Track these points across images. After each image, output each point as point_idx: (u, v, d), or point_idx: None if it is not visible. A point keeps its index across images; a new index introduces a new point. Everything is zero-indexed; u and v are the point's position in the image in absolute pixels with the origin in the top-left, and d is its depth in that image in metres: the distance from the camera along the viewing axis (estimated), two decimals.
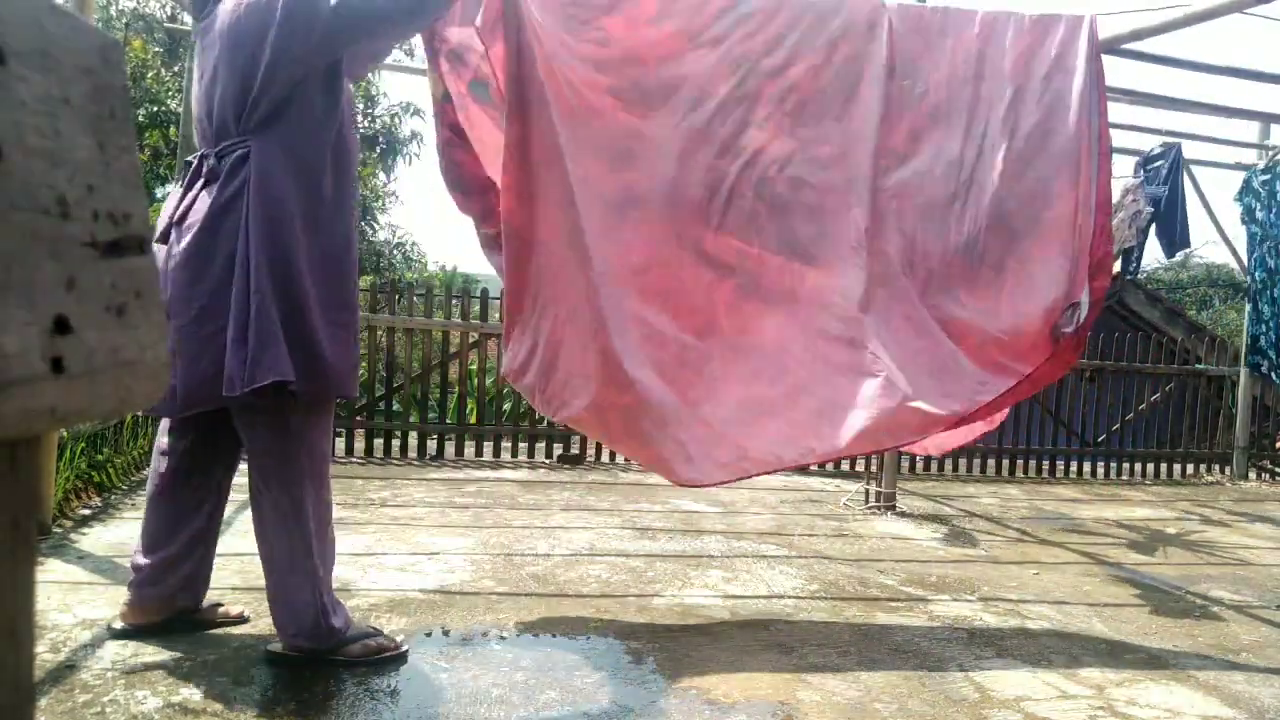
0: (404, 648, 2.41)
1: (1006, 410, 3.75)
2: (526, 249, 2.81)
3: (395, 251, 14.60)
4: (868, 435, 2.94)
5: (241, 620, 2.56)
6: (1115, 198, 5.13)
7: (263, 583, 2.97)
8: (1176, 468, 7.57)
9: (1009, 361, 3.30)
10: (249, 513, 3.95)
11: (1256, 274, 6.65)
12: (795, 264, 3.12)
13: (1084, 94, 3.32)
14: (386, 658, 2.34)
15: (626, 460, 6.29)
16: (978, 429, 3.73)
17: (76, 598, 2.68)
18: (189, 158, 2.30)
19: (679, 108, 3.03)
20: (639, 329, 2.85)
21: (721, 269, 3.06)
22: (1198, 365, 7.77)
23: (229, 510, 3.99)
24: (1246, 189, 6.63)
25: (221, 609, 2.55)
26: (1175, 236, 5.86)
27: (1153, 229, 5.85)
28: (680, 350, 2.93)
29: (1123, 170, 5.78)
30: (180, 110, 4.83)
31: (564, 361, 2.79)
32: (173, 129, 9.31)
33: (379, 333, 6.11)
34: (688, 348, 2.95)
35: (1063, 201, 3.33)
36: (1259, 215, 6.55)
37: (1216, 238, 6.82)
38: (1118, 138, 5.72)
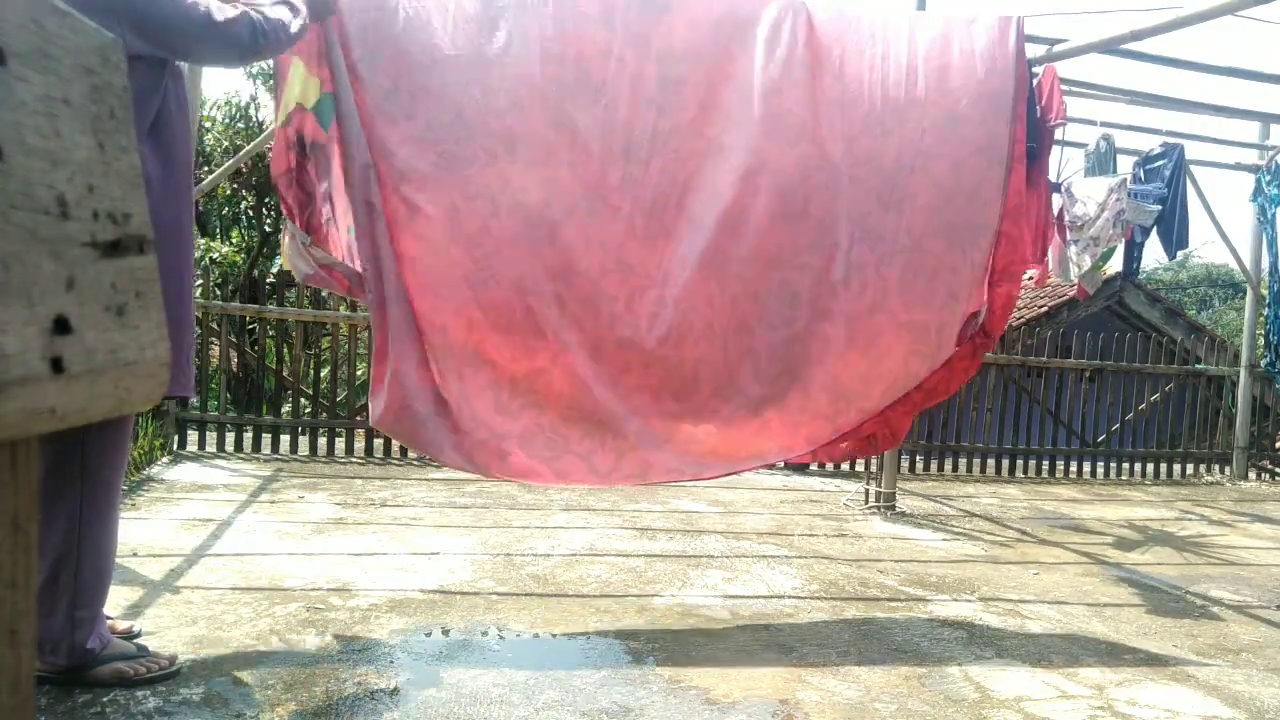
0: None
1: (898, 430, 3.71)
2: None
3: None
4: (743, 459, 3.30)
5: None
6: (1100, 197, 5.12)
7: (264, 583, 2.98)
8: (1176, 468, 7.57)
9: (913, 373, 3.30)
10: (247, 514, 3.97)
11: None
12: (713, 283, 3.10)
13: (1010, 100, 3.30)
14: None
15: None
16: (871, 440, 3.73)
17: None
18: None
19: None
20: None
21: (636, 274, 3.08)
22: (1197, 365, 7.77)
23: (228, 510, 4.01)
24: (1258, 191, 6.61)
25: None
26: (1175, 237, 5.85)
27: (1155, 230, 5.84)
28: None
29: (1122, 170, 5.77)
30: None
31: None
32: None
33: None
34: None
35: (990, 210, 3.31)
36: (1271, 214, 6.52)
37: (1216, 238, 6.81)
38: (1118, 138, 5.72)
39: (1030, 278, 5.92)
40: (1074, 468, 7.38)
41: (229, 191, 11.08)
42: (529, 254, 2.93)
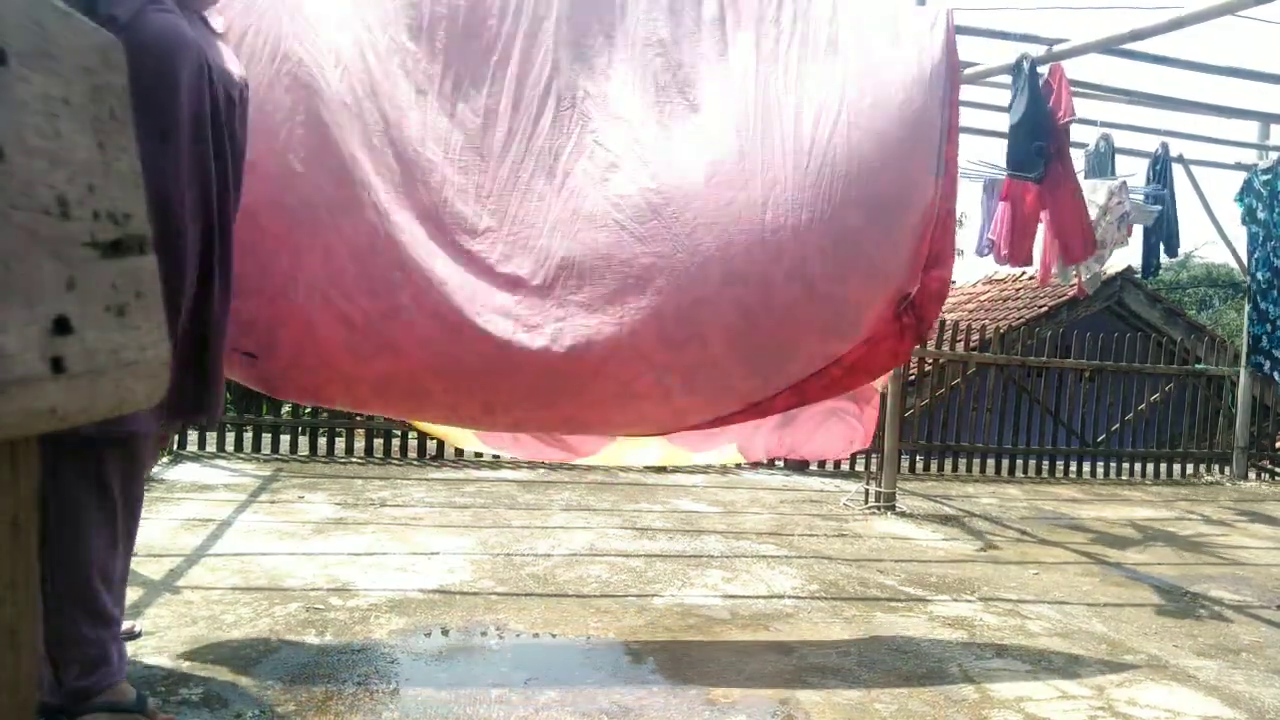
0: None
1: (866, 429, 3.64)
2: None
3: None
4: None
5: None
6: (1101, 200, 5.12)
7: (264, 583, 2.97)
8: (1176, 468, 7.57)
9: (832, 351, 3.14)
10: (247, 514, 3.97)
11: (1259, 274, 6.66)
12: (626, 235, 2.91)
13: (943, 83, 3.27)
14: None
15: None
16: (835, 438, 3.64)
17: None
18: None
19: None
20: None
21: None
22: (1197, 365, 7.77)
23: (228, 510, 4.01)
24: (1247, 189, 6.63)
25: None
26: (1167, 237, 5.91)
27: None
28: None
29: (1123, 171, 5.77)
30: None
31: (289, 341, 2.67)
32: None
33: None
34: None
35: (918, 190, 3.25)
36: (1260, 215, 6.54)
37: (1216, 238, 6.82)
38: (1118, 138, 5.72)
39: (1030, 277, 5.90)
40: (1074, 468, 7.38)
41: None
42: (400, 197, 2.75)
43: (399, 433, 6.00)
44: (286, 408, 6.55)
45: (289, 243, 2.65)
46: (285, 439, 5.96)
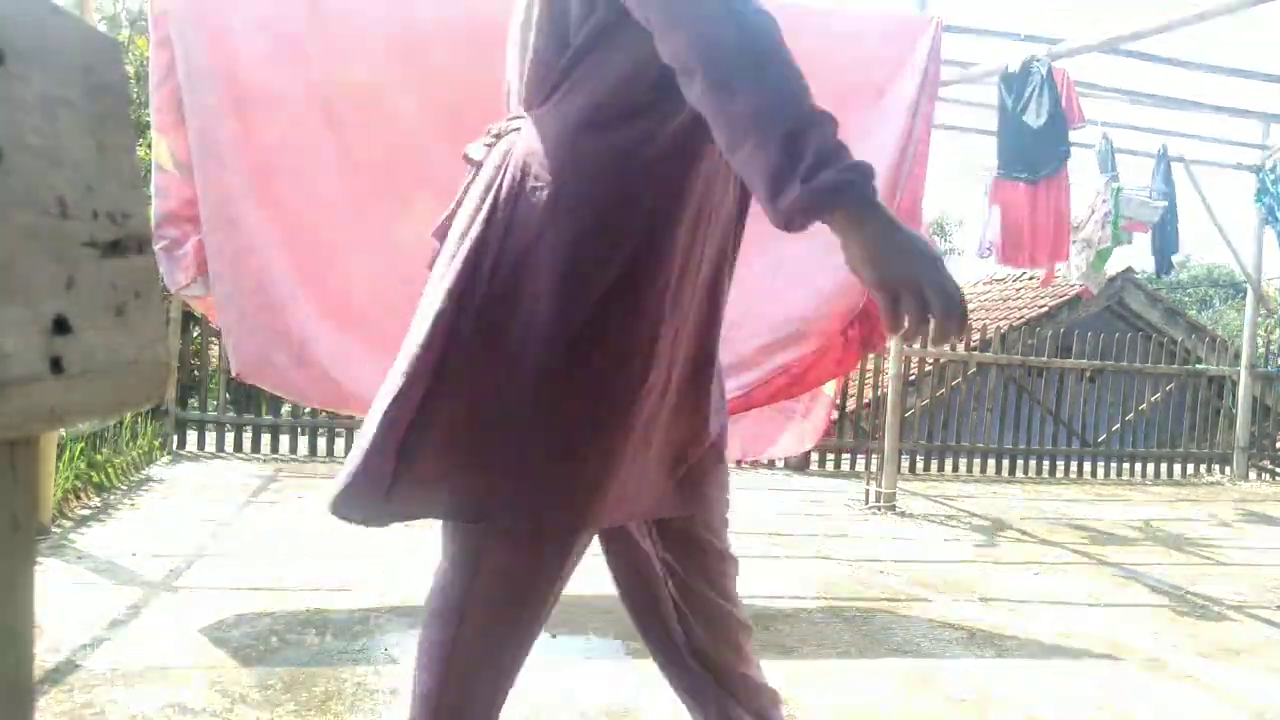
0: None
1: (815, 426, 3.66)
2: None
3: None
4: None
5: None
6: (1089, 199, 5.13)
7: (265, 583, 2.97)
8: (1177, 468, 7.57)
9: (779, 360, 3.23)
10: (247, 514, 3.97)
11: None
12: None
13: (915, 98, 3.24)
14: None
15: None
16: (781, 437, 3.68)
17: (76, 598, 2.68)
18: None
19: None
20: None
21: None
22: (1198, 365, 7.77)
23: (228, 510, 4.01)
24: (1264, 191, 6.61)
25: None
26: (1166, 240, 5.90)
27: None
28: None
29: (1124, 171, 5.77)
30: None
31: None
32: None
33: None
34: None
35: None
36: (1279, 213, 6.52)
37: (1217, 237, 6.81)
38: (1119, 138, 5.72)
39: (1030, 277, 5.90)
40: (1074, 468, 7.38)
41: None
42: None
43: None
44: (286, 408, 6.55)
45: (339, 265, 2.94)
46: (285, 439, 5.96)
